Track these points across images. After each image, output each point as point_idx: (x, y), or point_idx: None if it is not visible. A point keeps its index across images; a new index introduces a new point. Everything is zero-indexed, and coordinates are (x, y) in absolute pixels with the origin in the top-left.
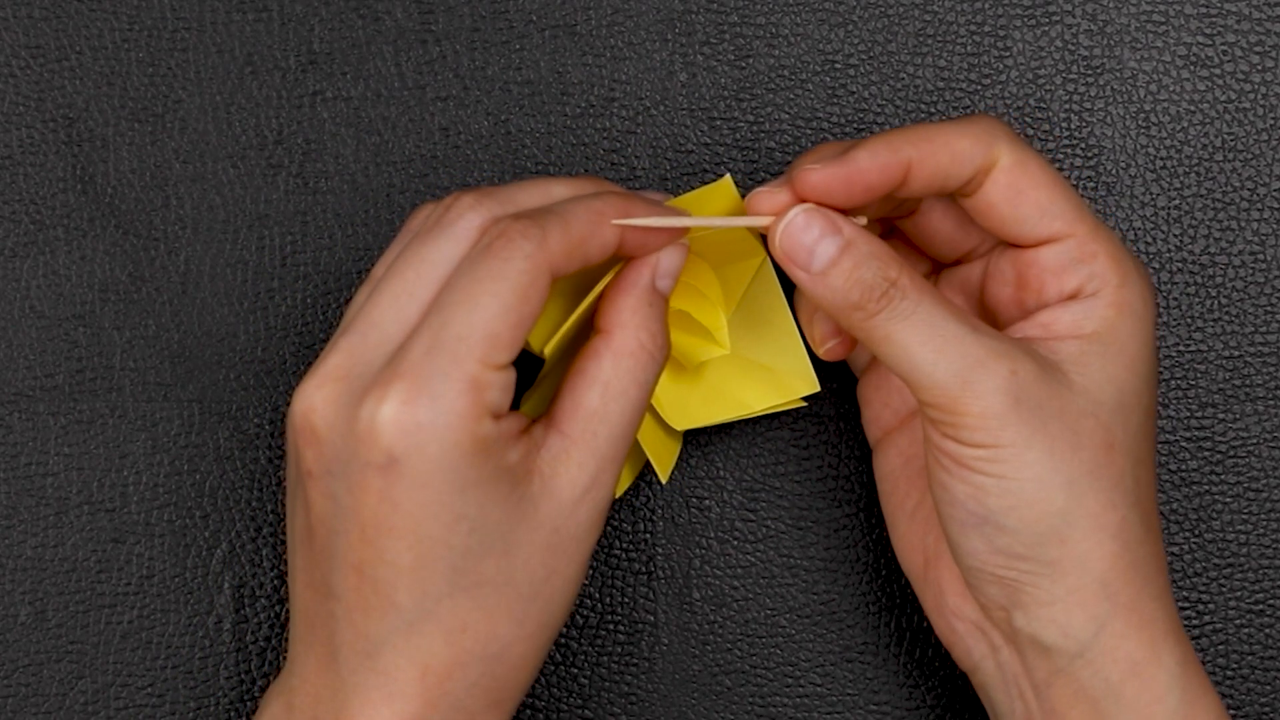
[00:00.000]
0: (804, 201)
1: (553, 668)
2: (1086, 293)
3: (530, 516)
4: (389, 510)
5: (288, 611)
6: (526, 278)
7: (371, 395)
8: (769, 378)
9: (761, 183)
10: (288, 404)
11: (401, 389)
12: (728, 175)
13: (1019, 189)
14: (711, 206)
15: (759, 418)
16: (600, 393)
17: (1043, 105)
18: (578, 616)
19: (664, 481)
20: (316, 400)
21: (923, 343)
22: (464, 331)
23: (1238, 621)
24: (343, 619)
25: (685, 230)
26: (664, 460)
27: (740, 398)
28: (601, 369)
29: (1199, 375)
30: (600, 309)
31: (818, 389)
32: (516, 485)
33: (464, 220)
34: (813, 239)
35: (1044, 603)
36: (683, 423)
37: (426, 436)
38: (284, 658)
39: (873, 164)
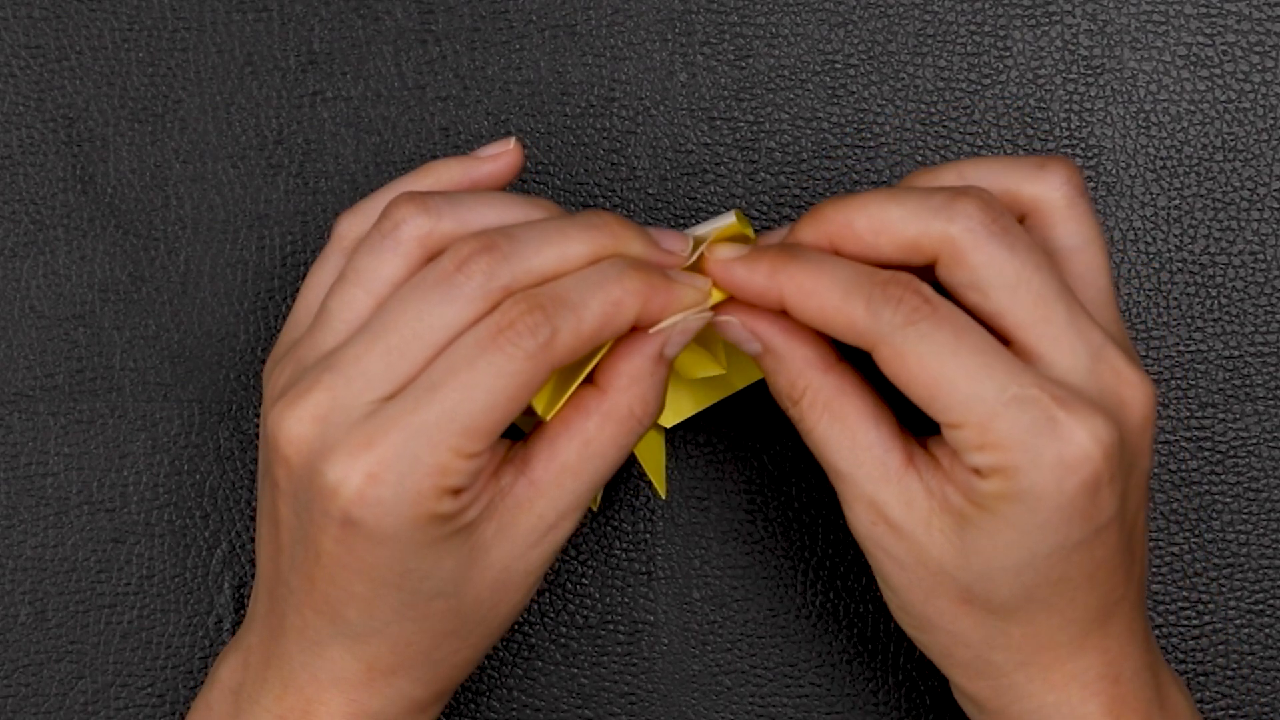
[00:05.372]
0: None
1: (553, 667)
2: (983, 474)
3: (481, 560)
4: (344, 552)
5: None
6: (524, 377)
7: (341, 454)
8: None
9: (761, 183)
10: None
11: (369, 462)
12: (734, 214)
13: (899, 381)
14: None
15: (759, 417)
16: (579, 450)
17: (1043, 105)
18: (578, 616)
19: (663, 497)
20: (293, 434)
21: (820, 449)
22: (445, 419)
23: (1238, 621)
24: (295, 608)
25: (708, 296)
26: (659, 472)
27: (724, 379)
28: (587, 427)
29: (1199, 375)
30: (603, 361)
31: None
32: (471, 535)
33: (473, 285)
34: (740, 339)
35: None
36: (671, 419)
37: (385, 510)
38: None
39: (747, 279)
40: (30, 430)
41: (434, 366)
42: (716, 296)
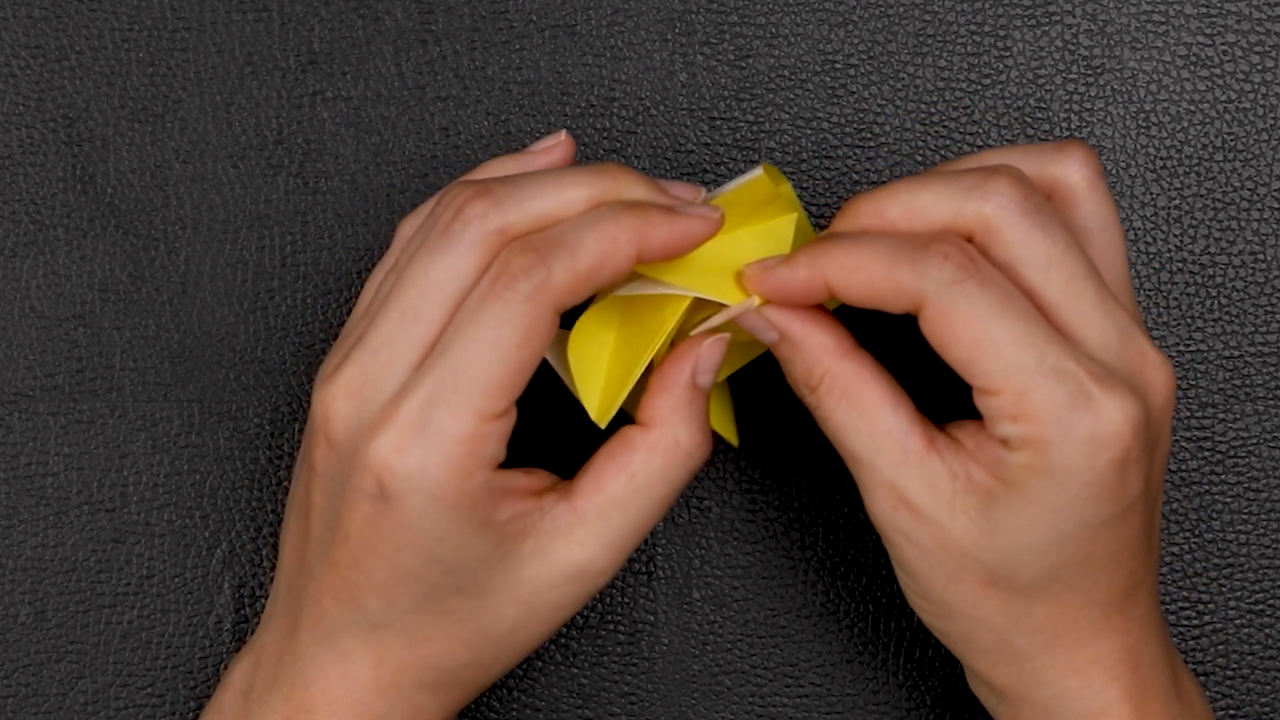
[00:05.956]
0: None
1: (553, 668)
2: (1013, 446)
3: (512, 572)
4: (372, 533)
5: None
6: (526, 320)
7: (373, 429)
8: None
9: None
10: (289, 403)
11: (395, 435)
12: (761, 169)
13: (942, 341)
14: (749, 197)
15: (758, 417)
16: (625, 482)
17: (1043, 105)
18: (578, 617)
19: (736, 444)
20: (332, 411)
21: (838, 436)
22: (460, 383)
23: (1238, 621)
24: (313, 598)
25: (715, 229)
26: (729, 425)
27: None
28: (632, 459)
29: (1199, 375)
30: (643, 400)
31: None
32: (503, 542)
33: (470, 231)
34: (757, 329)
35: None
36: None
37: (413, 486)
38: None
39: (790, 277)
40: (30, 430)
41: (444, 337)
42: (757, 301)
